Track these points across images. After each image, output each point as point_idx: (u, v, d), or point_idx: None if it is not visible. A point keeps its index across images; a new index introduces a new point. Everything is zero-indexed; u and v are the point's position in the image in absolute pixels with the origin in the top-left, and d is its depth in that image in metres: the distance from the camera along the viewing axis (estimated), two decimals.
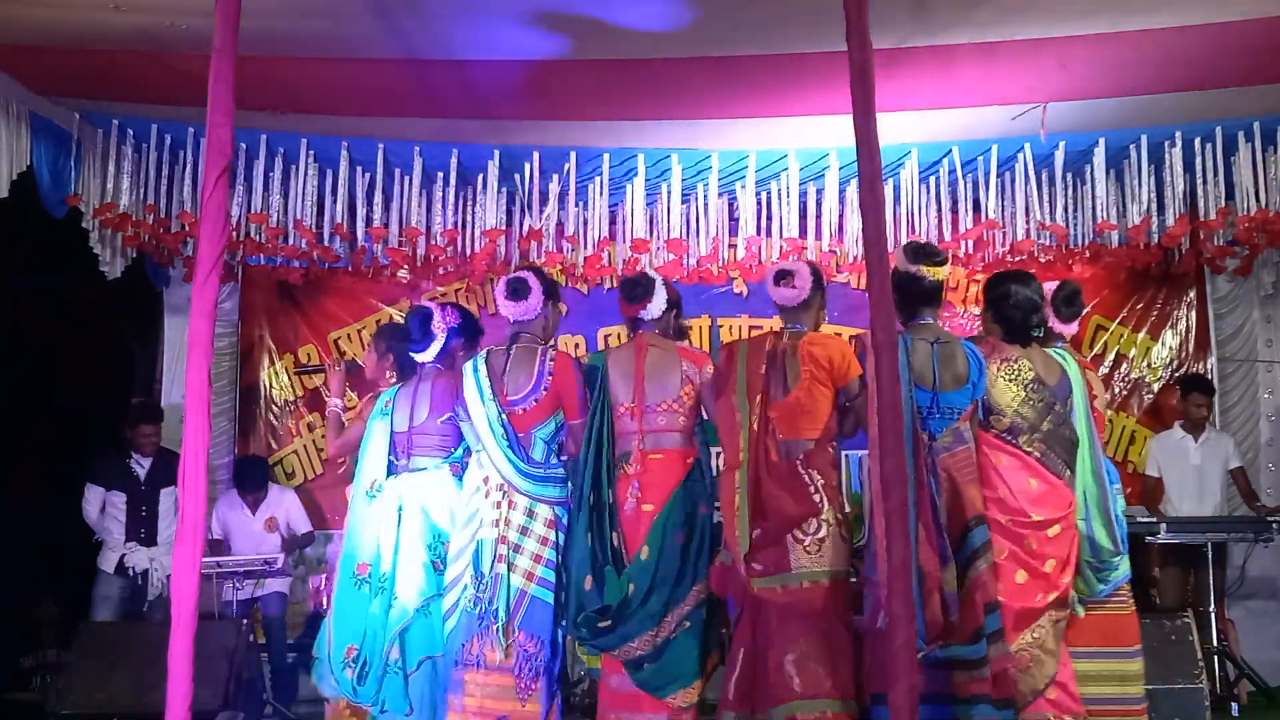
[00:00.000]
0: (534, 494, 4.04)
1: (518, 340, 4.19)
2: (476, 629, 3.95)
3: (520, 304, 4.17)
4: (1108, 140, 6.07)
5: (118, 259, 6.40)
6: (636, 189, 6.36)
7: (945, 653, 3.61)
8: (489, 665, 3.92)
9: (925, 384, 3.83)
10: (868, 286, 3.33)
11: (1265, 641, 6.51)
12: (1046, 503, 3.89)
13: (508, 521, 3.99)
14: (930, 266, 3.95)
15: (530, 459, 4.06)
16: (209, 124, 3.37)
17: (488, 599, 3.94)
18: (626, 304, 4.24)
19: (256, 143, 6.11)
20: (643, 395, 4.05)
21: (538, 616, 3.97)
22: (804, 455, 3.86)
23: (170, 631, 3.17)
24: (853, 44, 3.31)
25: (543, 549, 4.01)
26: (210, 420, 3.33)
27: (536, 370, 4.10)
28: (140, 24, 4.84)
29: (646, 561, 3.91)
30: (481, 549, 4.00)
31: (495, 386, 4.08)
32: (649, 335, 4.20)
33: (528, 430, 4.08)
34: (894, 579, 3.18)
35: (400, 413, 4.29)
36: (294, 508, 6.88)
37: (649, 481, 3.98)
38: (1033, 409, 3.95)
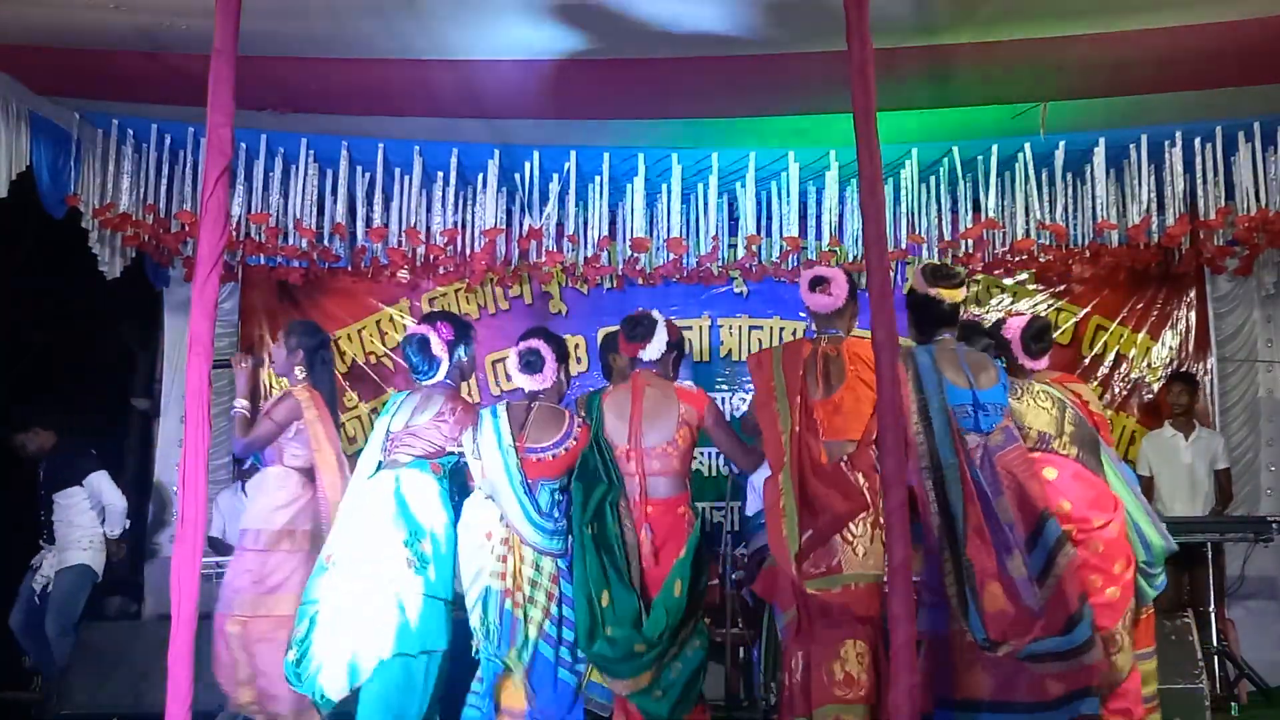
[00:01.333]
0: (540, 546, 4.02)
1: (536, 400, 4.21)
2: (498, 677, 3.97)
3: (535, 377, 4.19)
4: (1108, 140, 6.07)
5: (117, 259, 6.40)
6: (636, 189, 6.36)
7: (1040, 646, 3.53)
8: (512, 713, 3.94)
9: (961, 384, 3.83)
10: (868, 286, 3.34)
11: (1265, 641, 6.51)
12: (1100, 505, 3.90)
13: (519, 573, 3.98)
14: (948, 289, 3.98)
15: (539, 508, 4.04)
16: (209, 124, 3.37)
17: (498, 645, 3.94)
18: (626, 342, 4.24)
19: (256, 143, 6.11)
20: (640, 437, 4.06)
21: (539, 670, 3.96)
22: (847, 457, 3.86)
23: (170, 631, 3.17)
24: (853, 44, 3.31)
25: (550, 604, 4.00)
26: (210, 420, 3.33)
27: (565, 429, 4.11)
28: (140, 24, 4.84)
29: (680, 597, 3.90)
30: (488, 599, 3.98)
31: (515, 434, 4.08)
32: (646, 375, 4.20)
33: (536, 479, 4.06)
34: (894, 578, 3.18)
35: (401, 414, 4.27)
36: None
37: (659, 529, 4.00)
38: (1046, 415, 3.98)
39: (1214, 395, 7.20)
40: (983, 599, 3.54)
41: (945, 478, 3.68)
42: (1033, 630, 3.53)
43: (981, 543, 3.58)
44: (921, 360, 3.84)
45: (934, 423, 3.74)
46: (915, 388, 3.78)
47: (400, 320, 7.58)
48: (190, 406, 3.30)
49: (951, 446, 3.70)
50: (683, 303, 7.30)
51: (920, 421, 3.75)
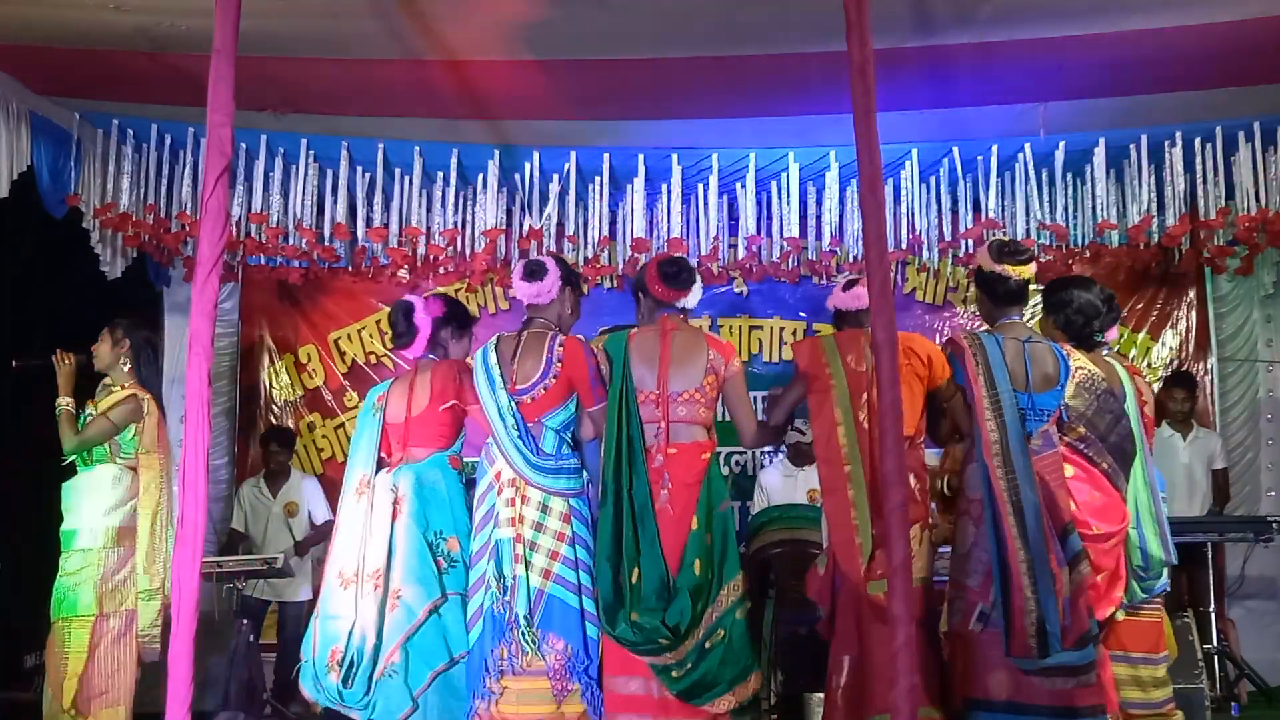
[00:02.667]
0: (546, 486, 3.86)
1: (530, 326, 4.04)
2: (504, 634, 3.79)
3: (534, 285, 4.01)
4: (1108, 140, 6.07)
5: (118, 259, 6.40)
6: (636, 189, 6.36)
7: (1055, 659, 3.52)
8: (521, 670, 3.77)
9: (1019, 384, 3.74)
10: (868, 286, 3.33)
11: (1265, 641, 6.51)
12: (1106, 516, 3.83)
13: (522, 519, 3.84)
14: (1015, 265, 3.87)
15: (540, 450, 3.90)
16: (209, 124, 3.37)
17: (511, 601, 3.79)
18: (666, 288, 4.02)
19: (256, 143, 6.11)
20: (667, 382, 3.88)
21: (559, 616, 3.79)
22: None
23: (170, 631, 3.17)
24: (853, 44, 3.31)
25: (559, 545, 3.84)
26: (210, 420, 3.33)
27: (545, 356, 3.92)
28: (140, 24, 4.84)
29: (699, 577, 3.74)
30: (501, 550, 3.85)
31: (505, 374, 3.93)
32: (674, 319, 4.01)
33: (537, 419, 3.91)
34: (893, 578, 3.18)
35: (395, 405, 4.15)
36: (315, 494, 6.89)
37: (675, 473, 3.81)
38: (1102, 420, 3.88)
39: (1214, 395, 7.21)
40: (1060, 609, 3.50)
41: (1019, 480, 3.60)
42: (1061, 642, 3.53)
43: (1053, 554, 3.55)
44: (992, 354, 3.74)
45: (1007, 420, 3.66)
46: (986, 382, 3.70)
47: None
48: (190, 406, 3.29)
49: (1023, 447, 3.64)
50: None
51: (994, 418, 3.67)
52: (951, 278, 7.30)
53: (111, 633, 4.64)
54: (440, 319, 4.25)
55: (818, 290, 7.32)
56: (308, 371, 7.56)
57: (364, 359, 7.57)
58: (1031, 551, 3.53)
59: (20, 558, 6.14)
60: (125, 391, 4.77)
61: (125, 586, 4.67)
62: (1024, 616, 3.50)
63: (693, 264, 4.14)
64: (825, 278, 6.90)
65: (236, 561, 6.26)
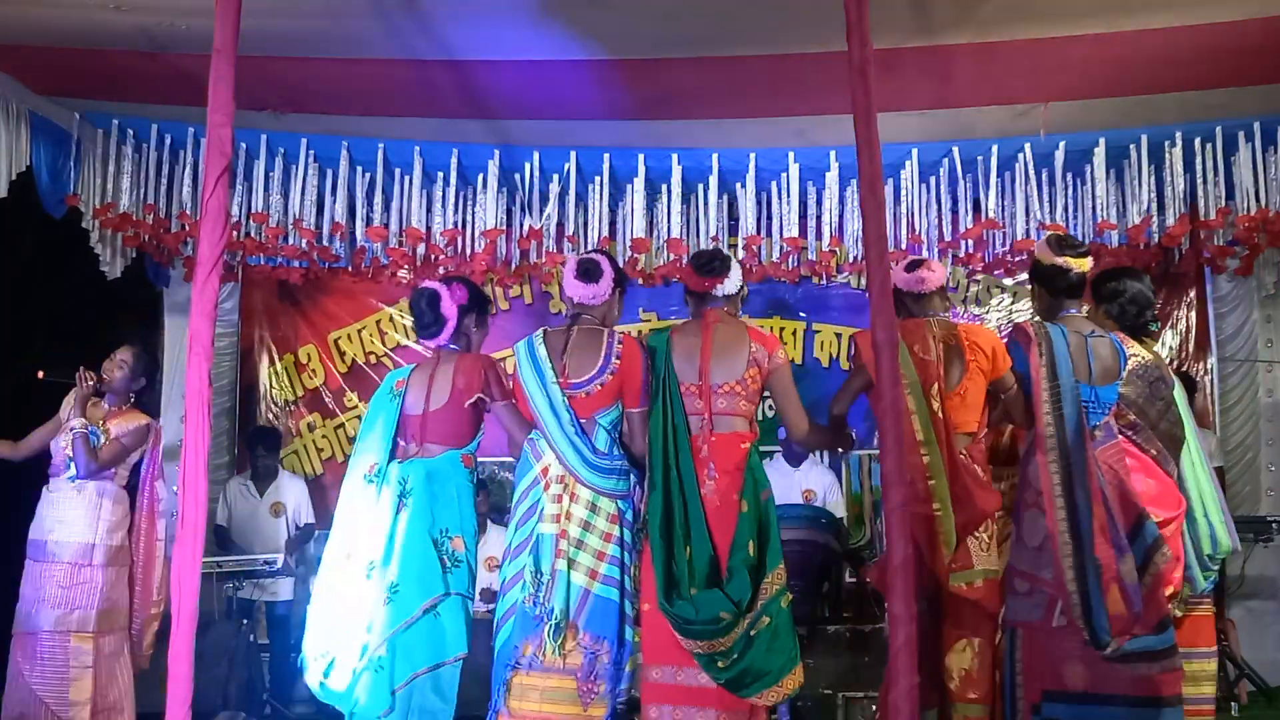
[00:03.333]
0: (597, 486, 3.77)
1: (579, 322, 3.93)
2: (533, 630, 3.69)
3: (590, 286, 3.92)
4: (1108, 140, 6.06)
5: (118, 259, 6.39)
6: (636, 189, 6.36)
7: (1135, 644, 3.53)
8: (547, 668, 3.68)
9: (1082, 376, 3.72)
10: (868, 286, 3.34)
11: (1265, 641, 6.51)
12: (1163, 502, 3.83)
13: (569, 515, 3.74)
14: (1076, 258, 3.85)
15: (595, 449, 3.80)
16: (209, 124, 3.37)
17: (546, 598, 3.69)
18: (700, 277, 3.98)
19: (256, 143, 6.11)
20: (709, 374, 3.82)
21: (602, 615, 3.71)
22: (966, 450, 3.79)
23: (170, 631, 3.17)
24: (853, 44, 3.31)
25: (606, 545, 3.75)
26: (210, 420, 3.33)
27: (604, 353, 3.84)
28: (140, 24, 4.84)
29: (754, 556, 3.69)
30: (541, 545, 3.74)
31: (556, 367, 3.83)
32: (717, 311, 3.95)
33: (590, 416, 3.82)
34: (894, 578, 3.18)
35: (414, 395, 4.01)
36: (301, 497, 6.90)
37: (719, 465, 3.76)
38: (1153, 407, 3.89)
39: (1214, 395, 7.21)
40: (1107, 599, 3.49)
41: (1073, 471, 3.59)
42: (1132, 629, 3.53)
43: (1105, 543, 3.53)
44: (1058, 346, 3.71)
45: (1065, 412, 3.63)
46: (1049, 374, 3.67)
47: (400, 320, 7.58)
48: (190, 406, 3.30)
49: (1081, 441, 3.60)
50: (683, 303, 7.28)
51: (1051, 411, 3.64)
52: (951, 278, 7.29)
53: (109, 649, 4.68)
54: (464, 306, 4.12)
55: (818, 290, 7.33)
56: (308, 371, 7.56)
57: (364, 359, 7.57)
58: (1077, 544, 3.53)
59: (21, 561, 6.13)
60: (140, 417, 4.89)
61: (119, 607, 4.74)
62: (1070, 609, 3.51)
63: (727, 251, 4.10)
64: (825, 278, 6.91)
65: (236, 562, 6.26)
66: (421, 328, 4.10)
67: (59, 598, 4.62)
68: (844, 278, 7.07)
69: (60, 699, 4.58)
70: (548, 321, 7.45)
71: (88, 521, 4.70)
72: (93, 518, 4.70)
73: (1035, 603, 3.68)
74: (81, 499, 4.74)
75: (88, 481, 4.73)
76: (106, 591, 4.67)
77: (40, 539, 4.72)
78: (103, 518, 4.72)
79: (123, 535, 4.77)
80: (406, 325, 7.59)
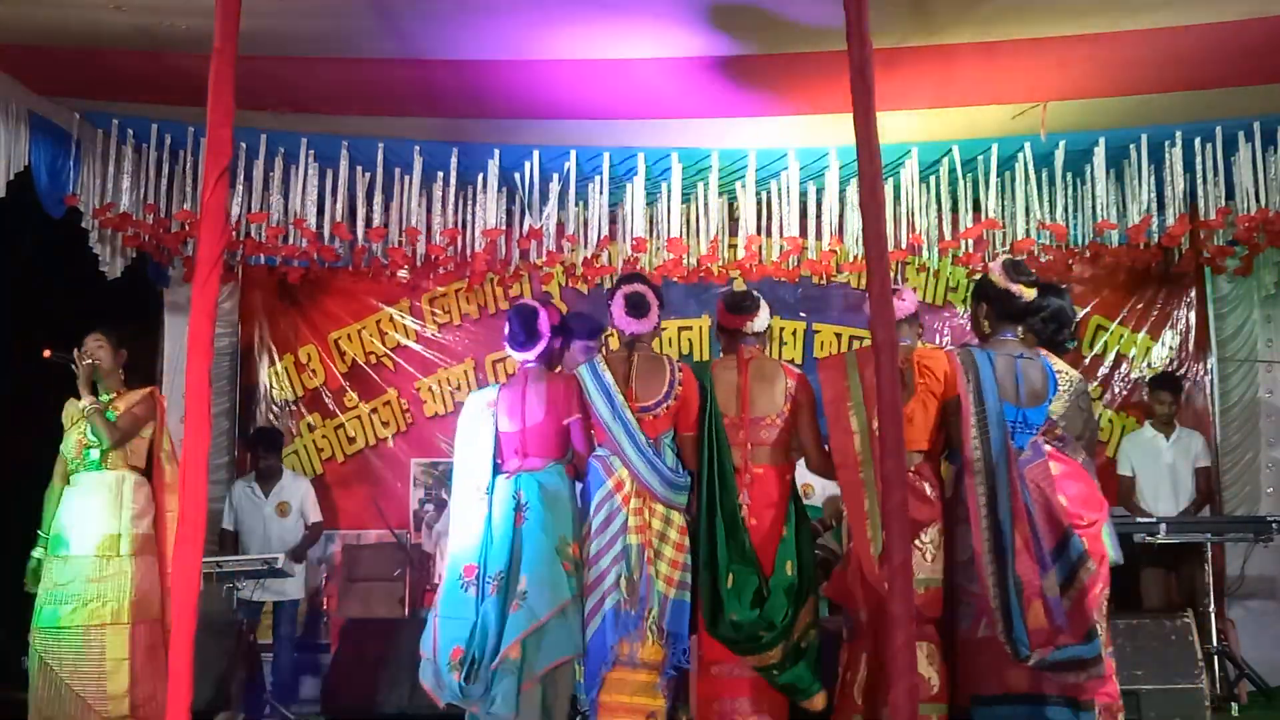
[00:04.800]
0: (670, 501, 4.08)
1: (636, 348, 4.22)
2: (628, 631, 3.98)
3: (642, 322, 4.22)
4: (1108, 140, 6.06)
5: (118, 259, 6.40)
6: (636, 189, 6.36)
7: (1062, 654, 3.65)
8: (639, 664, 3.98)
9: (1010, 399, 3.86)
10: (868, 286, 3.34)
11: (1265, 641, 6.51)
12: (1090, 504, 3.99)
13: (649, 527, 4.04)
14: (1027, 286, 3.99)
15: (669, 466, 4.11)
16: (209, 124, 3.37)
17: (640, 599, 3.98)
18: (733, 315, 4.29)
19: (256, 143, 6.10)
20: (749, 408, 4.13)
21: (679, 618, 4.03)
22: (915, 467, 3.92)
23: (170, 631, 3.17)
24: (853, 44, 3.31)
25: (679, 555, 4.06)
26: (210, 420, 3.33)
27: (668, 379, 4.15)
28: (140, 24, 4.84)
29: (793, 576, 4.02)
30: (630, 554, 4.02)
31: (624, 392, 4.12)
32: (750, 349, 4.26)
33: (656, 437, 4.12)
34: (893, 579, 3.18)
35: (509, 413, 4.24)
36: (307, 495, 6.91)
37: (759, 494, 4.08)
38: (1079, 418, 4.07)
39: (1214, 395, 7.21)
40: (1027, 614, 3.62)
41: (997, 492, 3.73)
42: (1056, 640, 3.64)
43: (1029, 560, 3.67)
44: (984, 371, 3.86)
45: (991, 435, 3.78)
46: (975, 399, 3.82)
47: (400, 320, 7.59)
48: (190, 406, 3.30)
49: (1006, 462, 3.75)
50: (683, 303, 7.30)
51: (979, 434, 3.79)
52: (951, 278, 7.30)
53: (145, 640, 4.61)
54: (555, 327, 4.36)
55: (818, 290, 7.33)
56: (308, 371, 7.56)
57: (364, 359, 7.57)
58: (998, 561, 3.67)
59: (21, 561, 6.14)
60: (141, 389, 4.80)
61: (151, 596, 4.64)
62: (994, 625, 3.64)
63: (756, 294, 4.39)
64: (825, 278, 6.91)
65: (236, 561, 6.26)
66: (514, 339, 4.31)
67: (89, 591, 4.58)
68: (844, 278, 7.07)
69: (99, 693, 4.54)
70: None
71: (111, 511, 4.65)
72: (116, 507, 4.66)
73: (965, 613, 3.84)
74: (104, 488, 4.68)
75: (108, 472, 4.68)
76: (137, 581, 4.61)
77: (64, 533, 4.63)
78: (125, 505, 4.66)
79: (149, 523, 4.68)
80: (406, 325, 7.59)
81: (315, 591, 7.27)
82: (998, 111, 5.78)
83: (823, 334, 7.44)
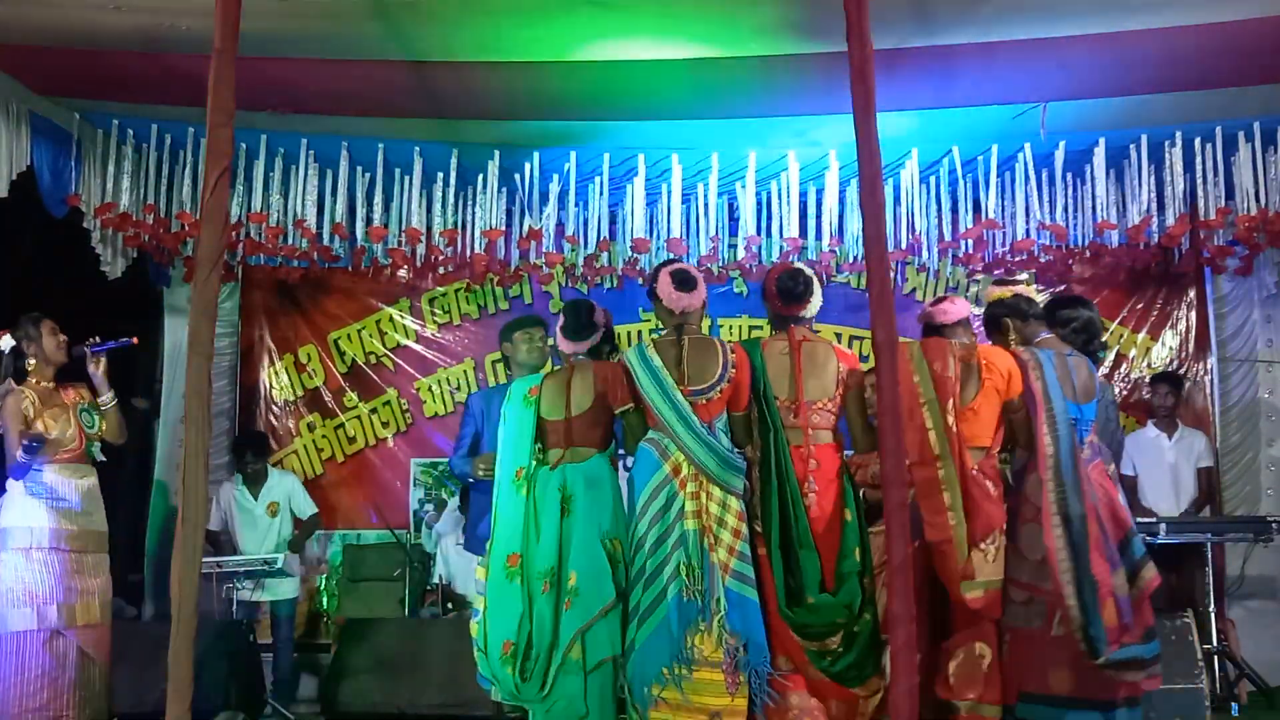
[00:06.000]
0: (727, 484, 3.92)
1: (685, 331, 4.10)
2: (693, 622, 3.82)
3: (691, 295, 4.11)
4: (1108, 140, 6.06)
5: (118, 259, 6.40)
6: (636, 189, 6.36)
7: (1124, 653, 3.68)
8: (701, 660, 3.81)
9: (1069, 395, 3.91)
10: (868, 286, 3.34)
11: (1265, 641, 6.50)
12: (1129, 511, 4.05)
13: (707, 511, 3.90)
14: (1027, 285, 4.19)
15: (726, 448, 3.97)
16: (209, 124, 3.37)
17: (703, 591, 3.83)
18: (784, 300, 4.17)
19: (256, 143, 6.10)
20: (803, 391, 4.02)
21: (739, 609, 3.84)
22: (979, 464, 3.90)
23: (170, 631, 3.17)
24: (853, 44, 3.31)
25: (736, 541, 3.89)
26: (210, 420, 3.33)
27: (721, 361, 4.02)
28: (140, 24, 4.84)
29: (860, 561, 3.91)
30: (688, 540, 3.87)
31: (675, 375, 4.00)
32: (801, 330, 4.16)
33: (710, 420, 3.98)
34: (893, 578, 3.18)
35: (552, 401, 4.15)
36: (296, 490, 6.89)
37: (821, 478, 3.96)
38: (1108, 426, 4.17)
39: (1214, 395, 7.21)
40: (1103, 613, 3.65)
41: (1067, 491, 3.75)
42: (1122, 639, 3.68)
43: (1100, 559, 3.70)
44: (1048, 368, 3.90)
45: (1060, 434, 3.82)
46: (1045, 398, 3.85)
47: (400, 320, 7.59)
48: (190, 406, 3.30)
49: (1074, 461, 3.79)
50: None
51: (1050, 431, 3.82)
52: (951, 278, 7.30)
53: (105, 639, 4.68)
54: (607, 326, 4.31)
55: None
56: (308, 371, 7.57)
57: (364, 359, 7.58)
58: (1075, 560, 3.69)
59: None
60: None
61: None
62: (1069, 622, 3.66)
63: (810, 273, 4.25)
64: (825, 278, 6.91)
65: (236, 562, 6.26)
66: (570, 331, 4.25)
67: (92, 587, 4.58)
68: (844, 278, 7.08)
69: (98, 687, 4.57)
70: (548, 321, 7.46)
71: (101, 508, 4.67)
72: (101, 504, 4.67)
73: (1034, 611, 3.82)
74: (96, 485, 4.70)
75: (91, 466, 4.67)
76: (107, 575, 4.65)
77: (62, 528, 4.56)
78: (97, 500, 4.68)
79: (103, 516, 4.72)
80: (406, 325, 7.59)
81: (315, 591, 7.28)
82: (998, 111, 5.78)
83: (823, 334, 7.40)
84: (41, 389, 4.67)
